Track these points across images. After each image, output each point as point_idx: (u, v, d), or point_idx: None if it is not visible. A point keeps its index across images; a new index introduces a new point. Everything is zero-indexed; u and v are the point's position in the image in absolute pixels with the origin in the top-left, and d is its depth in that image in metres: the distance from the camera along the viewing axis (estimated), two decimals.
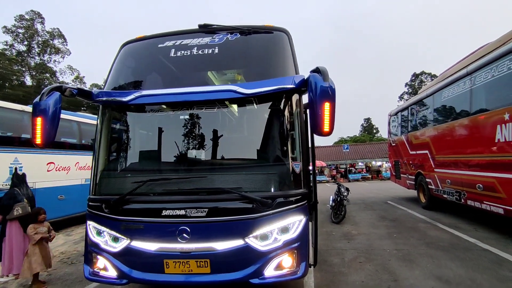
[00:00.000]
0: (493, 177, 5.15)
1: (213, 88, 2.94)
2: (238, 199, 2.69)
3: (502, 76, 4.90)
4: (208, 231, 2.69)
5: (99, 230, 2.87)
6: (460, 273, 3.78)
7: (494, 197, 5.18)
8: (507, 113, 4.69)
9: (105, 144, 3.17)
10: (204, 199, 2.73)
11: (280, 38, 3.35)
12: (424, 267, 4.04)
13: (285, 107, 3.04)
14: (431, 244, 5.06)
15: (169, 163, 3.16)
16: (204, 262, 2.67)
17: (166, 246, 2.70)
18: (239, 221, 2.68)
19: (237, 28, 3.34)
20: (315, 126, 2.49)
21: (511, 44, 4.70)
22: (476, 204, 5.81)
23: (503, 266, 3.96)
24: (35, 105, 2.60)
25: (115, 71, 3.42)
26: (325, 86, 2.43)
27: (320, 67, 2.60)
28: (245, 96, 2.84)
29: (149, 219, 2.74)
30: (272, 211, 2.69)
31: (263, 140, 3.05)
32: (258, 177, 2.88)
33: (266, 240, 2.70)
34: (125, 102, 2.94)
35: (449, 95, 6.79)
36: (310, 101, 2.56)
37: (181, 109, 3.07)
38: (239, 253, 2.67)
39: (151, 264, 2.73)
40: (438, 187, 7.46)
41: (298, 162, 2.93)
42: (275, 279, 2.73)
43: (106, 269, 2.85)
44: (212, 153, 3.05)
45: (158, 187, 2.82)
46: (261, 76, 3.07)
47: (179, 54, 3.27)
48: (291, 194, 2.78)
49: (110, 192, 2.95)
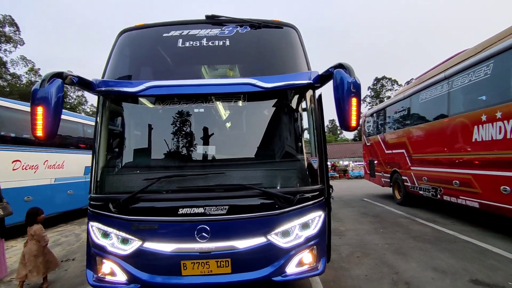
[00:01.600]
0: (470, 174, 5.57)
1: (231, 80, 2.80)
2: (260, 195, 2.59)
3: (479, 80, 5.31)
4: (229, 229, 2.56)
5: (105, 231, 2.61)
6: (452, 263, 4.02)
7: (470, 192, 5.60)
8: (484, 114, 5.09)
9: (108, 139, 2.89)
10: (224, 196, 2.59)
11: (290, 34, 3.31)
12: (418, 259, 4.23)
13: (301, 103, 3.01)
14: (417, 238, 5.34)
15: (181, 159, 2.95)
16: (225, 262, 2.54)
17: (184, 247, 2.52)
18: (261, 218, 2.59)
19: (246, 21, 3.23)
20: (343, 120, 2.47)
21: (487, 52, 5.12)
22: (452, 199, 6.24)
23: (487, 255, 4.28)
24: (35, 92, 2.29)
25: (114, 60, 3.13)
26: (352, 82, 2.42)
27: (344, 63, 2.58)
28: (264, 90, 2.76)
29: (164, 218, 2.54)
30: (294, 207, 2.64)
31: (280, 135, 2.98)
32: (278, 173, 2.80)
33: (288, 236, 2.64)
34: (134, 93, 2.70)
35: (427, 98, 7.23)
36: (336, 97, 2.53)
37: (195, 102, 2.89)
38: (261, 251, 2.57)
39: (167, 266, 2.54)
40: (414, 184, 7.91)
41: (315, 158, 2.91)
42: (296, 276, 2.68)
43: (114, 274, 2.59)
44: (228, 148, 2.91)
45: (173, 184, 2.62)
46: (275, 71, 3.00)
47: (187, 45, 3.08)
48: (310, 190, 2.74)
49: (117, 190, 2.68)
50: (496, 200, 4.95)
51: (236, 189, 2.62)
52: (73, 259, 4.95)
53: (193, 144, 2.91)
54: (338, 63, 2.64)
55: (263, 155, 2.98)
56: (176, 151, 2.95)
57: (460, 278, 3.53)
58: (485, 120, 5.07)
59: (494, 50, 4.95)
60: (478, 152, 5.30)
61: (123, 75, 3.07)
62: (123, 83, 2.79)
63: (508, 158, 4.62)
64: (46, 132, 2.30)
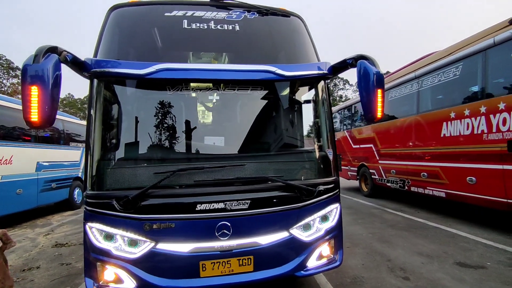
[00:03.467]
0: (438, 166, 6.09)
1: (250, 67, 2.61)
2: (282, 188, 2.48)
3: (449, 81, 5.81)
4: (252, 225, 2.41)
5: (109, 233, 2.27)
6: (432, 248, 4.35)
7: (437, 183, 6.13)
8: (453, 112, 5.59)
9: (106, 129, 2.51)
10: (245, 190, 2.43)
11: (299, 23, 3.22)
12: (403, 246, 4.51)
13: (315, 93, 2.95)
14: (394, 226, 5.70)
15: (194, 150, 2.70)
16: (247, 260, 2.38)
17: (203, 246, 2.31)
18: (284, 211, 2.48)
19: (254, 7, 3.07)
20: (368, 111, 2.46)
21: (456, 55, 5.61)
22: (420, 190, 6.79)
23: (457, 239, 4.73)
24: (27, 69, 1.89)
25: (107, 39, 2.72)
26: (377, 73, 2.42)
27: (366, 55, 2.57)
28: (284, 79, 2.64)
29: (181, 215, 2.29)
30: (315, 200, 2.58)
31: (297, 126, 2.90)
32: (298, 165, 2.73)
33: (309, 230, 2.58)
34: (142, 75, 2.37)
35: (396, 95, 7.73)
36: (360, 88, 2.51)
37: (208, 89, 2.65)
38: (284, 246, 2.48)
39: (184, 268, 2.30)
40: (382, 177, 8.45)
41: (330, 149, 2.88)
42: (317, 270, 2.64)
43: (120, 281, 2.27)
44: (244, 139, 2.74)
45: (189, 177, 2.38)
46: (286, 61, 2.91)
47: (193, 27, 2.81)
48: (328, 182, 2.71)
49: (121, 186, 2.34)
50: (462, 190, 5.48)
51: (257, 182, 2.47)
52: (37, 267, 4.31)
53: (206, 134, 2.68)
54: (359, 55, 2.62)
55: (280, 146, 2.86)
56: (187, 142, 2.69)
57: (445, 261, 3.84)
58: (454, 117, 5.56)
59: (462, 54, 5.44)
60: (447, 146, 5.81)
61: (119, 56, 2.70)
62: (126, 64, 2.43)
63: (474, 152, 5.13)
64: (42, 117, 1.91)
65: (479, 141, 5.02)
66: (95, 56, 2.62)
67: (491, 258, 3.85)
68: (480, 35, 5.18)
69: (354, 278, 3.46)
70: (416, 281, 3.29)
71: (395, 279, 3.38)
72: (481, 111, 4.97)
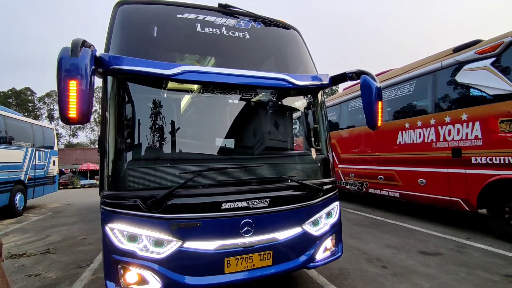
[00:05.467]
0: (393, 170, 6.93)
1: (267, 74, 2.76)
2: (296, 187, 2.69)
3: (403, 95, 6.69)
4: (271, 221, 2.56)
5: (133, 234, 2.20)
6: (396, 241, 4.97)
7: (393, 185, 6.96)
8: (407, 123, 6.45)
9: (124, 128, 2.43)
10: (265, 189, 2.58)
11: (298, 36, 3.50)
12: (372, 241, 5.04)
13: (319, 102, 3.24)
14: (359, 224, 6.30)
15: (216, 151, 2.76)
16: (267, 254, 2.52)
17: (228, 243, 2.38)
18: (297, 208, 2.69)
19: (259, 17, 3.26)
20: (371, 121, 2.83)
21: (411, 74, 6.51)
22: (376, 191, 7.60)
23: (413, 233, 5.46)
24: (66, 63, 1.81)
25: (117, 36, 2.63)
26: (378, 88, 2.81)
27: (366, 70, 2.95)
28: (296, 87, 2.87)
29: (207, 214, 2.34)
30: (322, 198, 2.85)
31: (305, 130, 3.15)
32: (307, 166, 2.97)
33: (318, 225, 2.82)
34: (168, 76, 2.37)
35: (355, 106, 8.55)
36: (364, 100, 2.87)
37: (229, 92, 2.74)
38: (298, 240, 2.68)
39: (210, 265, 2.34)
40: (341, 180, 9.21)
41: (330, 152, 3.19)
42: (324, 261, 2.88)
43: (145, 281, 2.21)
44: (260, 141, 2.88)
45: (212, 177, 2.44)
46: (291, 70, 3.14)
47: (207, 31, 2.88)
48: (331, 181, 3.01)
49: (145, 186, 2.30)
50: (414, 191, 6.33)
51: (275, 182, 2.65)
52: None
53: (226, 136, 2.76)
54: (360, 70, 2.99)
55: (290, 149, 3.07)
56: (208, 143, 2.74)
57: (410, 251, 4.43)
58: (408, 127, 6.42)
59: (416, 73, 6.35)
60: (402, 153, 6.65)
61: (132, 54, 2.63)
62: (149, 63, 2.39)
63: (425, 158, 5.99)
64: (80, 113, 1.86)
65: (429, 148, 5.89)
66: (106, 51, 2.53)
67: (444, 247, 4.56)
68: (430, 59, 6.12)
69: (341, 269, 3.80)
70: (393, 269, 3.76)
71: (375, 268, 3.81)
72: (431, 123, 5.85)
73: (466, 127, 5.12)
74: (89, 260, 4.43)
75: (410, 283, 3.32)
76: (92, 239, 5.83)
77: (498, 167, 4.65)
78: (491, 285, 3.20)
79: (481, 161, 4.88)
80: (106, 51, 2.53)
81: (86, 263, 4.28)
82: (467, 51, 5.24)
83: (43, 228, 7.10)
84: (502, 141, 4.59)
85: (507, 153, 4.52)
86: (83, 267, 4.12)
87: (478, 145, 4.92)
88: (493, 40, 4.87)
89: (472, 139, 5.02)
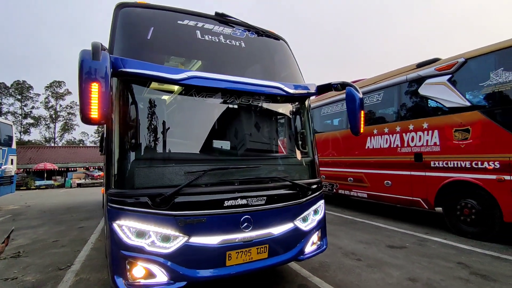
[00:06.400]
0: (362, 173, 7.51)
1: (264, 82, 2.98)
2: (288, 187, 2.95)
3: (372, 104, 7.31)
4: (267, 218, 2.78)
5: (141, 230, 2.29)
6: (367, 237, 5.44)
7: (361, 186, 7.54)
8: (375, 129, 7.06)
9: (129, 129, 2.52)
10: (262, 188, 2.80)
11: (286, 46, 3.78)
12: (345, 237, 5.47)
13: (306, 109, 3.54)
14: (331, 222, 6.73)
15: (217, 153, 2.93)
16: (263, 248, 2.73)
17: (230, 237, 2.56)
18: (290, 206, 2.94)
19: (252, 27, 3.49)
20: (354, 127, 3.17)
21: (379, 84, 7.14)
22: (346, 192, 8.15)
23: (381, 229, 6.00)
24: (88, 66, 1.89)
25: (120, 39, 2.69)
26: (361, 98, 3.17)
27: (349, 82, 3.30)
28: (288, 95, 3.13)
29: (212, 211, 2.50)
30: (311, 196, 3.14)
31: (295, 135, 3.41)
32: (298, 167, 3.25)
33: (307, 221, 3.10)
34: (175, 80, 2.49)
35: (329, 112, 9.09)
36: (348, 109, 3.21)
37: (229, 98, 2.92)
38: (290, 235, 2.92)
39: (213, 258, 2.50)
40: None
41: (316, 155, 3.50)
42: (312, 254, 3.16)
43: (153, 275, 2.31)
44: (256, 144, 3.10)
45: (215, 177, 2.61)
46: (282, 79, 3.38)
47: (207, 38, 3.04)
48: (317, 181, 3.31)
49: (152, 184, 2.40)
50: (380, 191, 6.94)
51: (271, 181, 2.88)
52: None
53: (227, 138, 2.94)
54: (344, 82, 3.34)
55: (282, 151, 3.32)
56: (210, 145, 2.88)
57: (379, 245, 4.91)
58: (376, 133, 7.03)
59: (384, 84, 6.98)
60: (370, 156, 7.25)
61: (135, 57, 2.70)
62: (156, 67, 2.49)
63: (391, 161, 6.61)
64: (101, 113, 1.96)
65: (394, 153, 6.52)
66: (110, 52, 2.58)
67: (408, 241, 5.11)
68: (397, 72, 6.78)
69: (321, 263, 4.13)
70: (367, 261, 4.17)
71: (351, 261, 4.19)
72: (396, 130, 6.49)
73: (427, 134, 5.78)
74: (68, 262, 4.28)
75: (383, 273, 3.73)
76: (64, 241, 5.57)
77: (452, 170, 5.33)
78: (447, 271, 3.72)
79: (439, 165, 5.54)
80: (110, 53, 2.58)
81: (66, 265, 4.14)
82: (428, 67, 5.92)
83: (5, 231, 6.58)
84: (455, 147, 5.27)
85: (460, 158, 5.20)
86: (63, 269, 3.99)
87: (436, 150, 5.59)
88: (449, 59, 5.58)
89: (431, 145, 5.68)
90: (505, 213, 4.60)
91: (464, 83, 5.29)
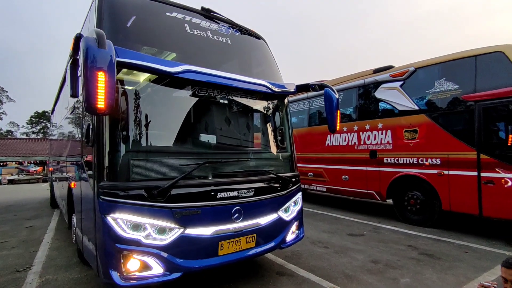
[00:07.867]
0: (322, 168, 8.02)
1: (251, 79, 3.08)
2: (273, 179, 3.11)
3: None
4: (255, 209, 2.90)
5: (137, 223, 2.23)
6: (328, 227, 5.89)
7: (321, 181, 8.06)
8: None
9: (123, 121, 2.41)
10: (251, 180, 2.91)
11: (266, 46, 3.93)
12: (310, 228, 5.82)
13: (286, 107, 3.73)
14: None
15: (208, 147, 2.95)
16: (251, 237, 2.85)
17: (222, 228, 2.63)
18: (275, 197, 3.11)
19: (236, 25, 3.58)
20: (331, 125, 3.42)
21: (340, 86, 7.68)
22: (306, 186, 8.62)
23: (340, 220, 6.53)
24: (93, 52, 1.79)
25: (106, 29, 2.53)
26: (338, 99, 3.44)
27: (326, 84, 3.56)
28: (273, 93, 3.28)
29: (206, 203, 2.53)
30: (292, 188, 3.34)
31: (277, 131, 3.57)
32: (281, 162, 3.43)
33: (288, 212, 3.29)
34: (171, 73, 2.45)
35: (291, 110, 9.47)
36: (327, 108, 3.45)
37: (219, 93, 2.94)
38: (274, 224, 3.08)
39: (206, 248, 2.54)
40: None
41: (294, 150, 3.71)
42: (292, 242, 3.36)
43: (148, 267, 2.26)
44: (242, 139, 3.18)
45: (208, 170, 2.65)
46: (264, 77, 3.49)
47: (195, 33, 3.03)
48: (297, 175, 3.52)
49: (146, 177, 2.34)
50: (339, 185, 7.51)
51: (259, 174, 3.00)
52: None
53: (216, 133, 2.98)
54: (322, 83, 3.59)
55: (267, 146, 3.46)
56: (201, 139, 2.91)
57: (341, 234, 5.35)
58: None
59: (344, 86, 7.54)
60: (329, 153, 7.78)
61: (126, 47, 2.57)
62: (152, 59, 2.42)
63: (349, 157, 7.19)
64: (108, 103, 1.87)
65: (352, 150, 7.11)
66: None
67: (365, 229, 5.67)
68: (356, 75, 7.37)
69: (292, 252, 4.37)
70: (333, 248, 4.54)
71: (320, 249, 4.52)
72: (354, 129, 7.08)
73: (381, 133, 6.43)
74: (26, 263, 3.87)
75: (349, 257, 4.11)
76: (13, 242, 4.97)
77: (402, 166, 6.03)
78: (401, 253, 4.25)
79: (391, 161, 6.22)
80: None
81: (25, 267, 3.74)
82: (384, 73, 6.58)
83: None
84: (405, 146, 5.97)
85: (409, 155, 5.91)
86: (23, 271, 3.60)
87: (389, 148, 6.26)
88: (402, 67, 6.28)
89: (385, 143, 6.34)
90: (444, 202, 5.38)
91: (413, 89, 6.00)
